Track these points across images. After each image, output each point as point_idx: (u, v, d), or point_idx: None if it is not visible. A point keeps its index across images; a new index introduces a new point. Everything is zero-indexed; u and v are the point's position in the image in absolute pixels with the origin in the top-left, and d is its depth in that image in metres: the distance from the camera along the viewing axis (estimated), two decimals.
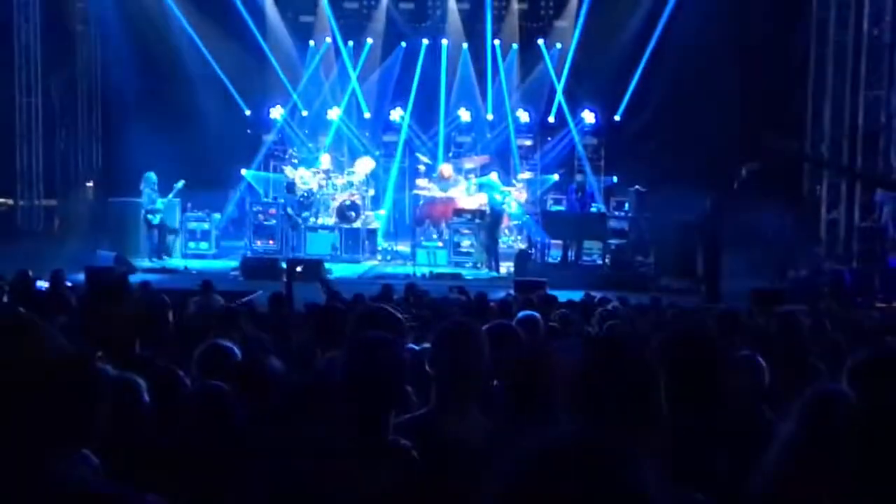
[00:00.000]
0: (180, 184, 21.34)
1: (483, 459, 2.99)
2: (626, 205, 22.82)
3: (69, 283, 12.62)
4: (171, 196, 21.46)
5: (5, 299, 9.71)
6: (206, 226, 22.36)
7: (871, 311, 15.45)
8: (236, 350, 5.51)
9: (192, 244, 22.16)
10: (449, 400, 3.94)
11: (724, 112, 21.39)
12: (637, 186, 22.44)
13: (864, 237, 20.85)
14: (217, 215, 22.86)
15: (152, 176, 21.28)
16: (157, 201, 21.28)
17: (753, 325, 9.77)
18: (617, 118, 25.13)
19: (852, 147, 21.68)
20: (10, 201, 25.17)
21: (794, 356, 6.65)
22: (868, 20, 21.04)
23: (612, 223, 21.96)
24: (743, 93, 22.16)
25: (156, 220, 21.34)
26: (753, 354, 5.52)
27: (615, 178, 24.54)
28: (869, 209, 20.90)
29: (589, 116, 25.08)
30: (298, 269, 17.41)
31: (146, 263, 20.57)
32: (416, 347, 5.15)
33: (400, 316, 4.98)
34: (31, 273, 12.00)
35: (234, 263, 20.44)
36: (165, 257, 21.37)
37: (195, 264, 20.80)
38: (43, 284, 12.29)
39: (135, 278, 15.19)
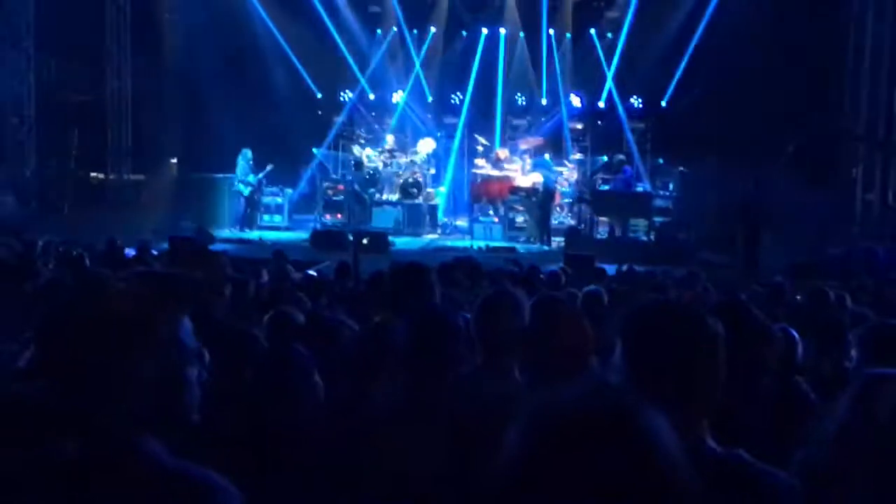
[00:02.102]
0: (269, 167, 21.54)
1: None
2: (671, 185, 22.67)
3: (154, 252, 12.75)
4: (261, 175, 21.62)
5: (87, 263, 9.78)
6: (279, 200, 22.50)
7: None
8: (300, 316, 5.55)
9: (266, 217, 22.30)
10: (489, 361, 3.96)
11: (766, 96, 21.15)
12: (681, 168, 22.30)
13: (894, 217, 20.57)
14: (290, 190, 23.00)
15: (248, 152, 21.58)
16: (249, 175, 21.48)
17: (791, 299, 9.65)
18: (663, 104, 24.99)
19: (888, 131, 21.40)
20: (102, 175, 25.53)
21: (827, 329, 6.54)
22: None
23: (658, 202, 21.86)
24: (784, 78, 21.85)
25: (246, 192, 21.55)
26: (787, 327, 5.45)
27: (661, 160, 24.34)
28: None
29: (637, 102, 24.98)
30: (364, 241, 17.45)
31: (226, 234, 20.74)
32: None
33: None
34: (118, 242, 12.14)
35: (305, 235, 20.54)
36: (246, 229, 21.53)
37: (269, 235, 20.94)
38: (130, 252, 12.42)
39: (214, 248, 15.32)
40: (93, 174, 25.52)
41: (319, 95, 25.77)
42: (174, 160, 26.53)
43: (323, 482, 3.26)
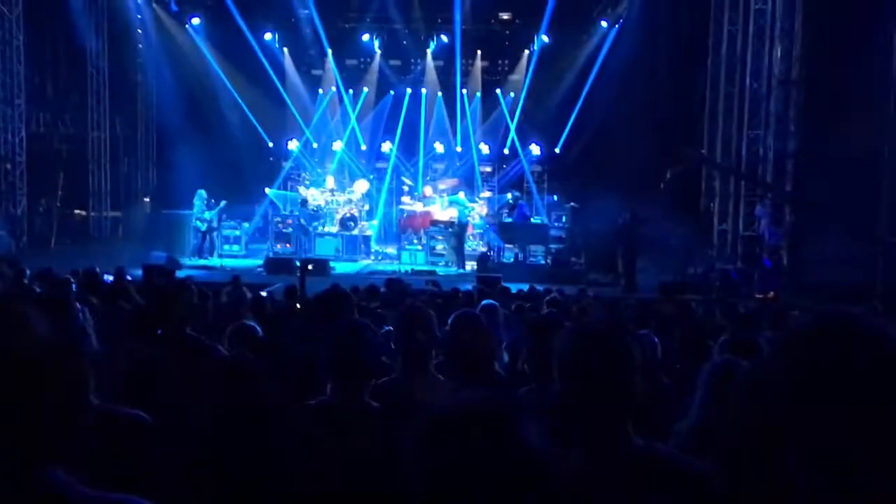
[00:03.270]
0: (223, 204, 21.34)
1: None
2: (564, 217, 22.91)
3: (129, 278, 12.59)
4: (215, 211, 21.40)
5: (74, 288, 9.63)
6: (237, 232, 22.26)
7: (749, 300, 15.62)
8: (258, 328, 5.56)
9: (226, 247, 22.06)
10: (408, 366, 3.99)
11: (640, 143, 21.48)
12: (572, 203, 22.56)
13: (746, 243, 20.99)
14: (246, 224, 22.78)
15: (203, 193, 21.27)
16: (205, 212, 21.26)
17: (659, 310, 9.86)
18: (557, 150, 25.31)
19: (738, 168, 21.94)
20: (84, 213, 25.15)
21: (689, 335, 6.72)
22: (749, 76, 21.21)
23: (553, 232, 22.05)
24: (654, 127, 22.28)
25: (203, 227, 21.29)
26: (649, 333, 5.60)
27: (555, 197, 24.62)
28: (750, 222, 21.06)
29: (535, 149, 25.30)
30: (309, 266, 17.37)
31: (190, 262, 20.50)
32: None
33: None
34: (98, 269, 11.97)
35: (260, 262, 20.39)
36: (208, 256, 21.29)
37: (229, 262, 20.72)
38: (109, 278, 12.25)
39: (181, 273, 15.18)
40: (76, 211, 25.08)
41: (271, 144, 25.67)
42: (147, 199, 26.26)
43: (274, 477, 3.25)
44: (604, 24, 24.15)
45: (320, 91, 25.55)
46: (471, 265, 20.73)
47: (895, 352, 1.50)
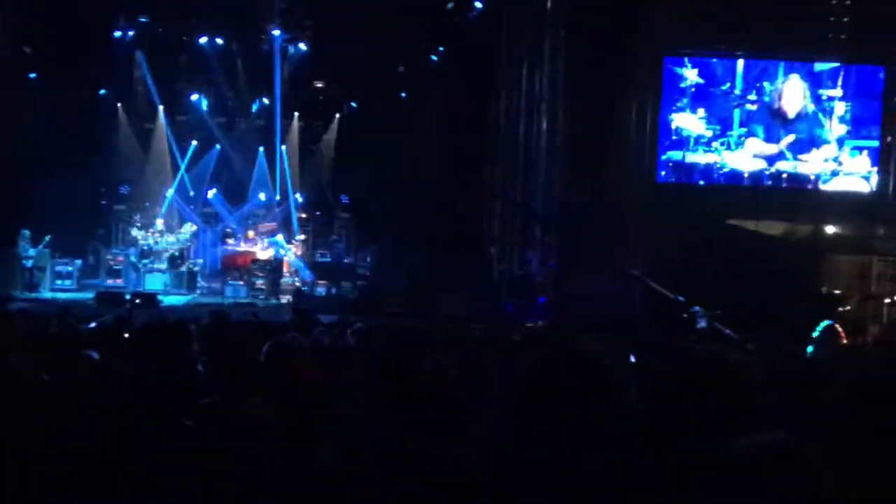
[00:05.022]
0: (47, 239, 20.06)
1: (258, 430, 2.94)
2: (368, 258, 23.04)
3: None
4: (40, 247, 20.09)
5: None
6: (70, 268, 21.03)
7: (522, 328, 16.15)
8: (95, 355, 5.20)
9: (59, 281, 20.73)
10: (226, 390, 3.87)
11: (430, 191, 21.83)
12: (374, 245, 22.72)
13: (520, 282, 21.67)
14: (78, 261, 21.53)
15: (27, 232, 20.00)
16: (29, 250, 19.94)
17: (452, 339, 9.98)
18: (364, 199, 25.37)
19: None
20: None
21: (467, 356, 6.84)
22: (522, 142, 21.98)
23: (360, 270, 22.16)
24: (441, 182, 22.68)
25: (29, 263, 19.95)
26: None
27: (362, 240, 24.62)
28: (523, 263, 21.79)
29: (344, 198, 25.36)
30: (138, 300, 16.67)
31: (20, 296, 19.08)
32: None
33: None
34: None
35: (91, 295, 19.23)
36: (38, 290, 19.92)
37: (61, 296, 19.44)
38: None
39: (13, 305, 14.04)
40: None
41: (103, 189, 24.37)
42: None
43: None
44: (403, 95, 24.55)
45: (152, 144, 24.56)
46: (287, 298, 20.41)
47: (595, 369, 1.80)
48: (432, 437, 2.39)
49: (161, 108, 24.15)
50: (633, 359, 5.40)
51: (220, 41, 23.77)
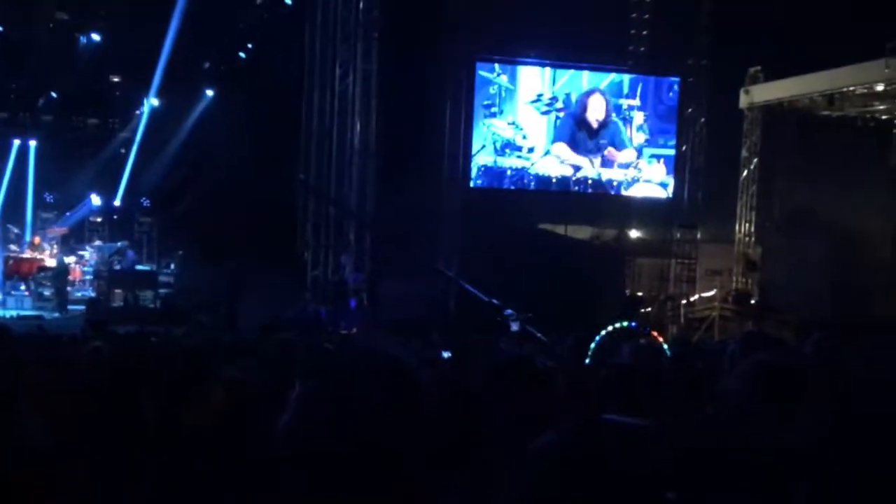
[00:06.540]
0: None
1: None
2: (172, 265, 21.92)
3: None
4: None
5: None
6: None
7: (334, 336, 15.82)
8: None
9: None
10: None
11: (239, 193, 21.01)
12: (181, 251, 21.66)
13: (334, 287, 21.35)
14: None
15: None
16: None
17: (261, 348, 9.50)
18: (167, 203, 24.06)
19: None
20: None
21: (283, 367, 6.51)
22: (336, 146, 21.57)
23: (163, 277, 21.10)
24: (252, 184, 21.88)
25: None
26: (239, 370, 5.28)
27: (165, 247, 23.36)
28: (336, 269, 21.47)
29: (144, 201, 23.97)
30: None
31: None
32: None
33: None
34: None
35: None
36: None
37: None
38: None
39: None
40: None
41: None
42: None
43: None
44: (209, 92, 23.49)
45: None
46: (80, 310, 18.99)
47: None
48: None
49: None
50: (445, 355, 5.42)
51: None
